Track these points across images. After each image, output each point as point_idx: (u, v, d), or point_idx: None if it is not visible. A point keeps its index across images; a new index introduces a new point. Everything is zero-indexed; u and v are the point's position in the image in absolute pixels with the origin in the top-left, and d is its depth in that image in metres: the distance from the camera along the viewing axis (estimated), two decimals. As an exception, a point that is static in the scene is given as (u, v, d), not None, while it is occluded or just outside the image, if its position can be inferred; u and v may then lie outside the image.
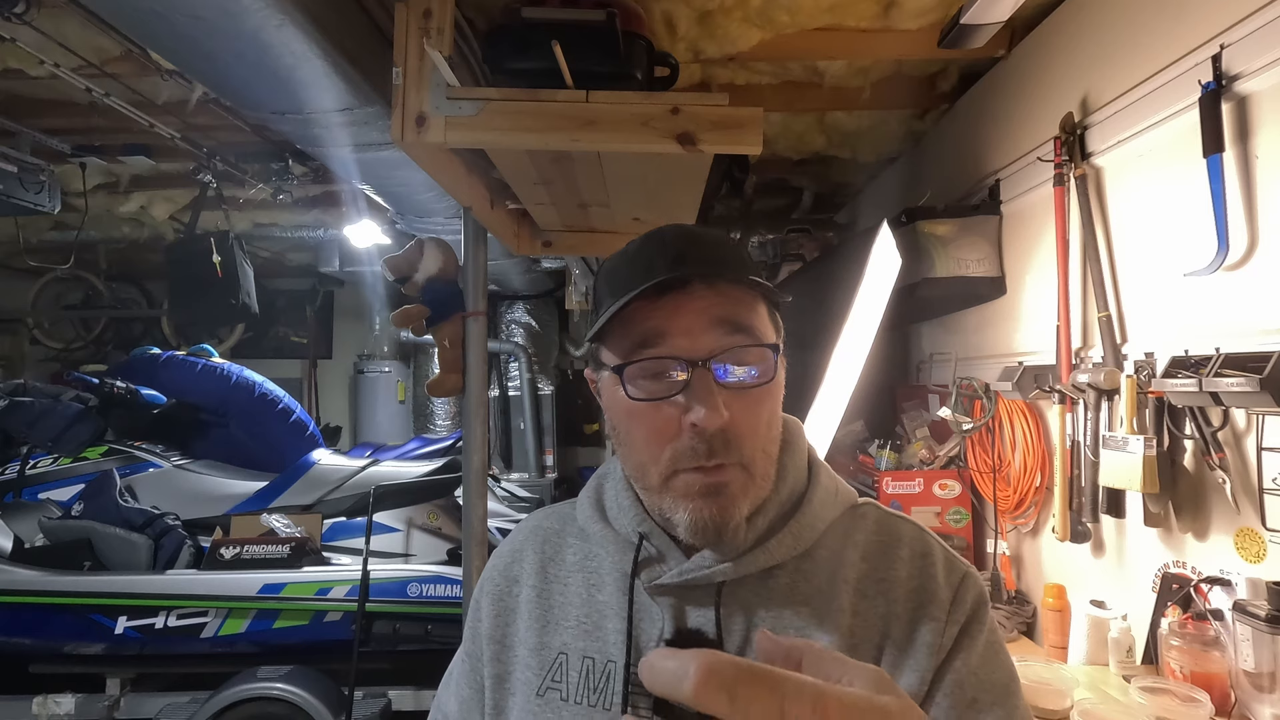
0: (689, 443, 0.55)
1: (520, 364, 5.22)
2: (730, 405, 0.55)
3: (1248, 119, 1.30)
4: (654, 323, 0.57)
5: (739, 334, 0.57)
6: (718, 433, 0.55)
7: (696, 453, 0.55)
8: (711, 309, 0.57)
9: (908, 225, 2.17)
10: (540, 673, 0.62)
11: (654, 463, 0.58)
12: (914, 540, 0.62)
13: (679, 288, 0.57)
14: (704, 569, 0.58)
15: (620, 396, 0.59)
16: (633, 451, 0.60)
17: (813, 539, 0.60)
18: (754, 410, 0.57)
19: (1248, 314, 1.30)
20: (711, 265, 0.58)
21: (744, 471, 0.57)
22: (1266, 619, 1.19)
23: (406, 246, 1.79)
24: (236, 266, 3.66)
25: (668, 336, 0.57)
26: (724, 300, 0.57)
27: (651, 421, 0.58)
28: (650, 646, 0.59)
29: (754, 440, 0.57)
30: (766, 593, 0.59)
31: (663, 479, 0.57)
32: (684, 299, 0.57)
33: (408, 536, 2.95)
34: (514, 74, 1.47)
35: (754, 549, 0.59)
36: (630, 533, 0.63)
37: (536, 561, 0.68)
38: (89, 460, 2.98)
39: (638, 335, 0.58)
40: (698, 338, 0.56)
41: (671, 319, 0.57)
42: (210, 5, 1.22)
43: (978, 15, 1.62)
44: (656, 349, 0.57)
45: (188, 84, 2.30)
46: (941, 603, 0.58)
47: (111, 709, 2.63)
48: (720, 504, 0.56)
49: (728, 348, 0.56)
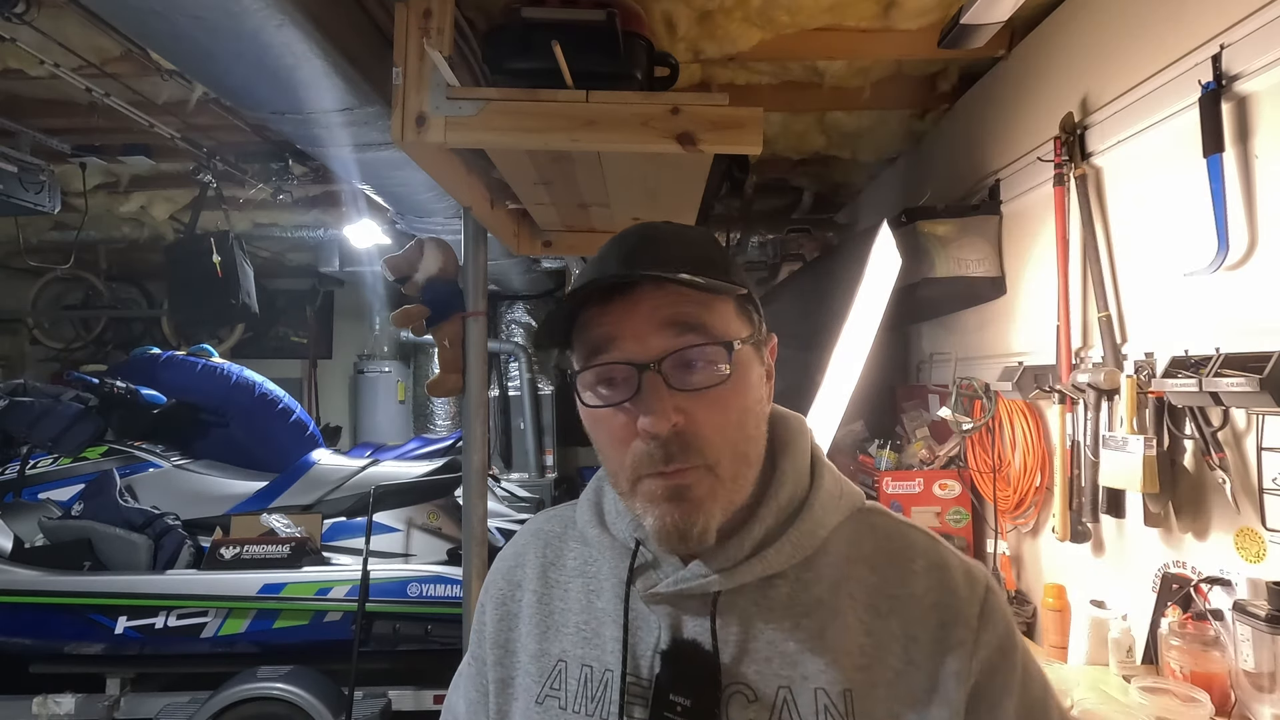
0: (644, 448, 0.54)
1: (520, 364, 5.22)
2: (687, 407, 0.54)
3: (1248, 119, 1.30)
4: (604, 328, 0.56)
5: (690, 333, 0.55)
6: (673, 437, 0.54)
7: (653, 458, 0.54)
8: (659, 310, 0.55)
9: (908, 225, 2.17)
10: (540, 680, 0.61)
11: (620, 469, 0.57)
12: (928, 551, 0.60)
13: (625, 290, 0.56)
14: (699, 578, 0.57)
15: (582, 405, 0.59)
16: (603, 458, 0.60)
17: (814, 546, 0.59)
18: (716, 410, 0.55)
19: (1248, 314, 1.30)
20: (660, 265, 0.56)
21: (709, 474, 0.55)
22: (1266, 619, 1.19)
23: (406, 246, 1.79)
24: (236, 266, 3.66)
25: (617, 341, 0.56)
26: (673, 300, 0.56)
27: (610, 428, 0.57)
28: (646, 656, 0.58)
29: (720, 441, 0.55)
30: (766, 603, 0.57)
31: (629, 484, 0.56)
32: (632, 302, 0.56)
33: (408, 536, 2.95)
34: (514, 74, 1.47)
35: (751, 558, 0.57)
36: (627, 539, 0.62)
37: (538, 566, 0.67)
38: (89, 460, 2.98)
39: (591, 341, 0.57)
40: (645, 340, 0.55)
41: (620, 323, 0.56)
42: (210, 5, 1.22)
43: (978, 15, 1.62)
44: (608, 354, 0.56)
45: (188, 84, 2.30)
46: (967, 623, 0.56)
47: (111, 709, 2.63)
48: (683, 509, 0.54)
49: (677, 348, 0.55)
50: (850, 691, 0.54)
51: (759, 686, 0.55)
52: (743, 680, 0.55)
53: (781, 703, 0.55)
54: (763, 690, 0.55)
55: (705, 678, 0.55)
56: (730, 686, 0.55)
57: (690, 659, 0.56)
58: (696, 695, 0.55)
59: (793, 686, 0.55)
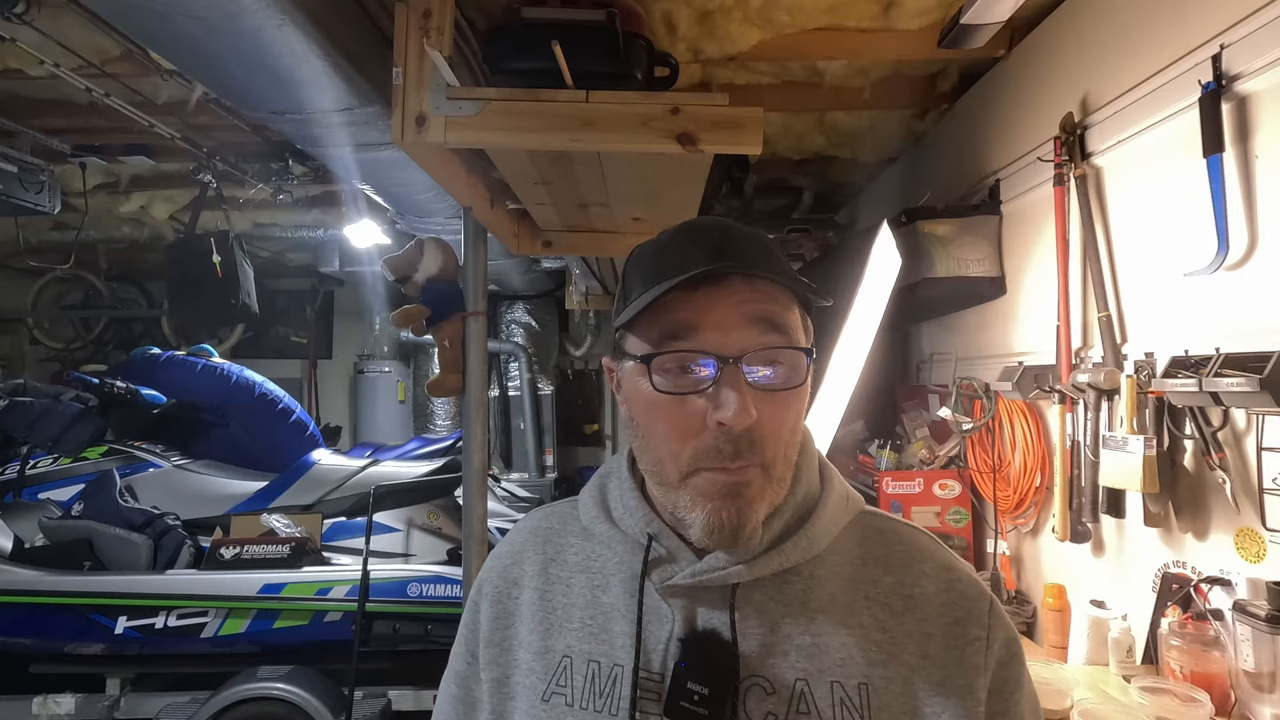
0: (713, 441, 0.54)
1: (520, 364, 5.22)
2: (758, 406, 0.54)
3: (1248, 119, 1.30)
4: (686, 315, 0.55)
5: (773, 333, 0.55)
6: (744, 433, 0.53)
7: (721, 452, 0.54)
8: (746, 305, 0.55)
9: (908, 225, 2.17)
10: (545, 677, 0.61)
11: (673, 459, 0.56)
12: (935, 553, 0.62)
13: (714, 281, 0.55)
14: (719, 569, 0.57)
15: (644, 388, 0.57)
16: (651, 445, 0.58)
17: (825, 543, 0.60)
18: (781, 413, 0.56)
19: (1248, 314, 1.30)
20: (750, 261, 0.56)
21: (764, 473, 0.55)
22: (1266, 619, 1.19)
23: (406, 246, 1.79)
24: (236, 266, 3.66)
25: (699, 330, 0.55)
26: (760, 298, 0.56)
27: (675, 416, 0.56)
28: (659, 649, 0.58)
29: (777, 443, 0.56)
30: (781, 598, 0.58)
31: (682, 476, 0.56)
32: (719, 293, 0.55)
33: (408, 536, 2.95)
34: (514, 74, 1.47)
35: (769, 551, 0.58)
36: (639, 533, 0.62)
37: (538, 563, 0.66)
38: (89, 460, 2.98)
39: (668, 326, 0.56)
40: (730, 334, 0.55)
41: (705, 312, 0.55)
42: (210, 5, 1.22)
43: (978, 15, 1.62)
44: (687, 342, 0.55)
45: (188, 84, 2.30)
46: (979, 620, 0.58)
47: (111, 709, 2.63)
48: (739, 505, 0.55)
49: (761, 347, 0.55)
50: (867, 685, 0.55)
51: (777, 678, 0.56)
52: (760, 672, 0.56)
53: (799, 695, 0.55)
54: (780, 682, 0.56)
55: (723, 667, 0.56)
56: (749, 678, 0.56)
57: (709, 648, 0.57)
58: (714, 685, 0.55)
59: (809, 679, 0.55)
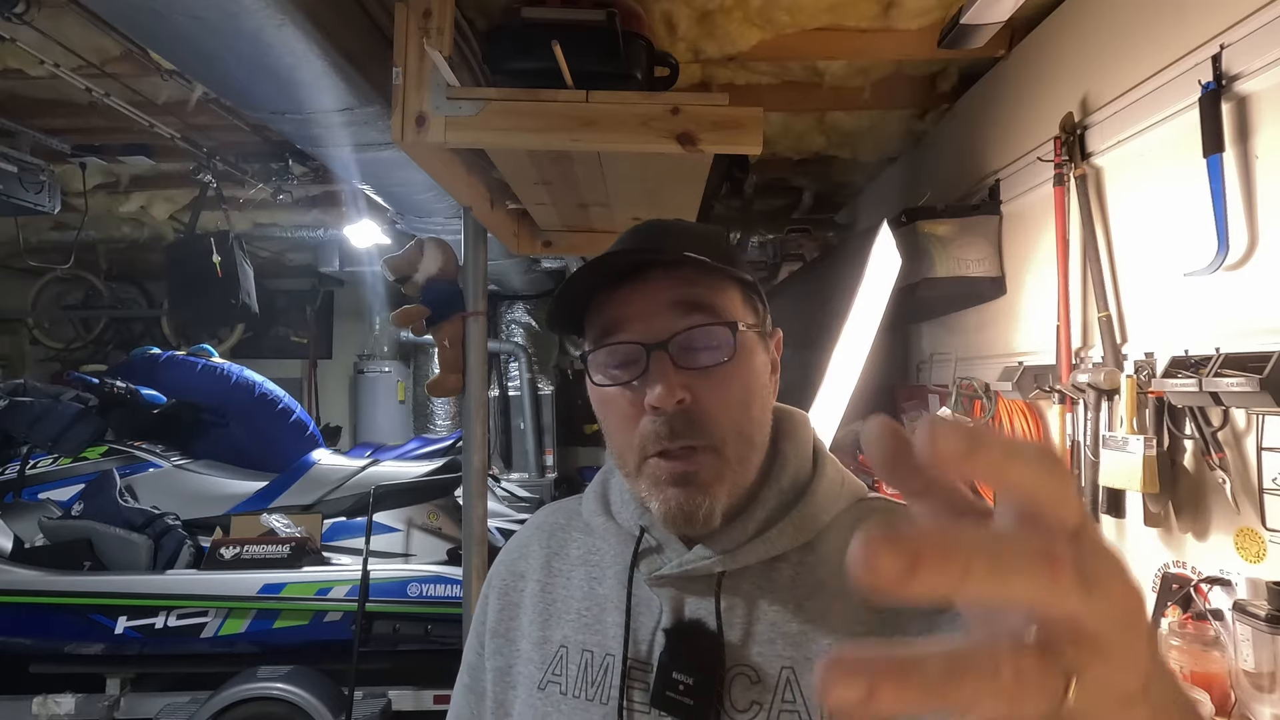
0: (650, 426, 0.56)
1: (520, 364, 5.22)
2: (693, 386, 0.56)
3: (1248, 119, 1.30)
4: (614, 311, 0.58)
5: (696, 314, 0.57)
6: (678, 413, 0.55)
7: (659, 435, 0.55)
8: (667, 292, 0.57)
9: (908, 225, 2.17)
10: (542, 666, 0.62)
11: (628, 449, 0.58)
12: None
13: (637, 276, 0.58)
14: (703, 559, 0.58)
15: (592, 385, 0.60)
16: (611, 440, 0.61)
17: (816, 529, 0.60)
18: (720, 390, 0.57)
19: (1248, 314, 1.30)
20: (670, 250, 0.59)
21: (716, 455, 0.56)
22: (1266, 619, 1.19)
23: (406, 246, 1.79)
24: (236, 266, 3.66)
25: (626, 322, 0.58)
26: (682, 282, 0.58)
27: (619, 408, 0.58)
28: (647, 638, 0.59)
29: (724, 420, 0.57)
30: (769, 585, 0.58)
31: (636, 465, 0.58)
32: (641, 285, 0.58)
33: (408, 536, 2.95)
34: (514, 74, 1.47)
35: (754, 539, 0.58)
36: (632, 525, 0.63)
37: (542, 556, 0.68)
38: (89, 460, 2.98)
39: (600, 325, 0.59)
40: (652, 321, 0.57)
41: (628, 305, 0.58)
42: (210, 5, 1.22)
43: (978, 15, 1.62)
44: (617, 335, 0.58)
45: (188, 84, 2.30)
46: None
47: (111, 709, 2.63)
48: (689, 493, 0.56)
49: (684, 329, 0.56)
50: None
51: (762, 667, 0.56)
52: (746, 661, 0.56)
53: (785, 683, 0.55)
54: (766, 670, 0.56)
55: (709, 656, 0.56)
56: (734, 667, 0.56)
57: (694, 637, 0.57)
58: (699, 674, 0.55)
59: (796, 667, 0.55)
